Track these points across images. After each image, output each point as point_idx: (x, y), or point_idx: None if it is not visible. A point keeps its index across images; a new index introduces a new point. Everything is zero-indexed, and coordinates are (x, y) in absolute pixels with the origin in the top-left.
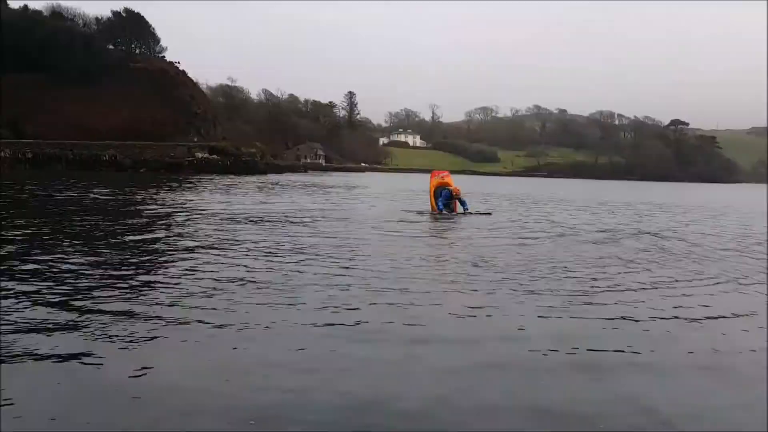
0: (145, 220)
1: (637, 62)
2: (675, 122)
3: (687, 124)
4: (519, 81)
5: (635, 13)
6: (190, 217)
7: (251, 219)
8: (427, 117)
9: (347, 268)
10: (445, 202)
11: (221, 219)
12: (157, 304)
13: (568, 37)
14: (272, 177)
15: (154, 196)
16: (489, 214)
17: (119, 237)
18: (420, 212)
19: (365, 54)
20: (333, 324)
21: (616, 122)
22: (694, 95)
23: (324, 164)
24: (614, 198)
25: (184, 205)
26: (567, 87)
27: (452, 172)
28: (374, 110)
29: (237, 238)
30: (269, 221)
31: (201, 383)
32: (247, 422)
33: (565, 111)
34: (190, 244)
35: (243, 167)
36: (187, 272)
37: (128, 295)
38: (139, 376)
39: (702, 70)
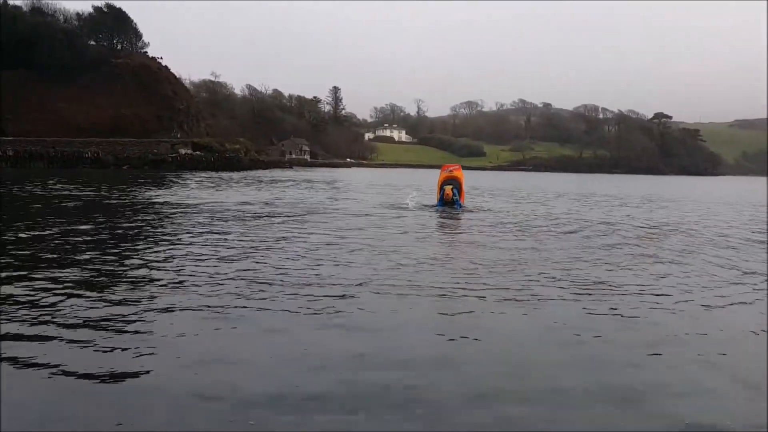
0: (119, 217)
1: (621, 55)
2: (659, 115)
3: (670, 117)
4: (504, 75)
5: (619, 7)
6: (170, 212)
7: (235, 214)
8: (413, 112)
9: (336, 265)
10: (441, 202)
11: (204, 215)
12: (142, 300)
13: (552, 31)
14: (256, 173)
15: (132, 193)
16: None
17: (91, 236)
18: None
19: (349, 48)
20: (322, 321)
21: (601, 116)
22: (678, 88)
23: (309, 160)
24: (601, 190)
25: (162, 201)
26: (551, 81)
27: (437, 166)
28: (359, 105)
29: (218, 234)
30: (248, 217)
31: (194, 383)
32: (246, 422)
33: (549, 105)
34: (171, 240)
35: (227, 164)
36: (170, 270)
37: (111, 294)
38: (128, 376)
39: (685, 63)
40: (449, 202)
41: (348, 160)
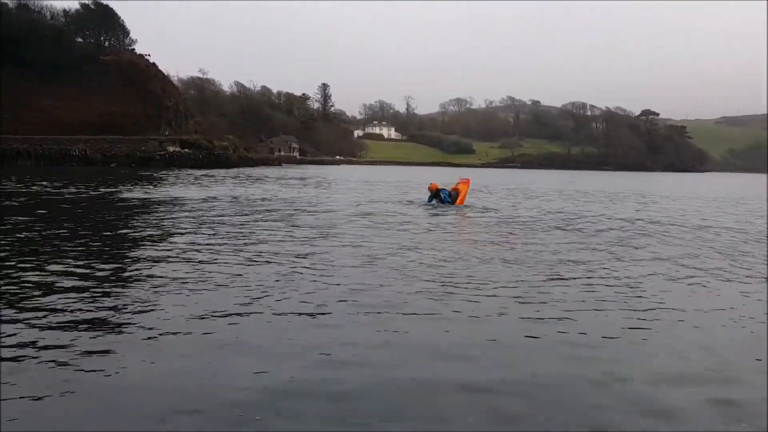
0: (104, 217)
1: (609, 54)
2: (646, 112)
3: (657, 114)
4: (493, 72)
5: (612, 7)
6: (156, 211)
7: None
8: (402, 109)
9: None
10: (431, 199)
11: (194, 215)
12: (124, 303)
13: (542, 30)
14: (245, 171)
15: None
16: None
17: (76, 240)
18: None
19: (339, 46)
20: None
21: (589, 113)
22: (665, 85)
23: (298, 157)
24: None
25: (153, 199)
26: (540, 78)
27: (427, 164)
28: (348, 102)
29: (200, 233)
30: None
31: (185, 382)
32: (254, 419)
33: (538, 102)
34: (156, 240)
35: (215, 161)
36: (155, 270)
37: (93, 296)
38: (114, 377)
39: (672, 61)
40: (433, 195)
41: (337, 157)
